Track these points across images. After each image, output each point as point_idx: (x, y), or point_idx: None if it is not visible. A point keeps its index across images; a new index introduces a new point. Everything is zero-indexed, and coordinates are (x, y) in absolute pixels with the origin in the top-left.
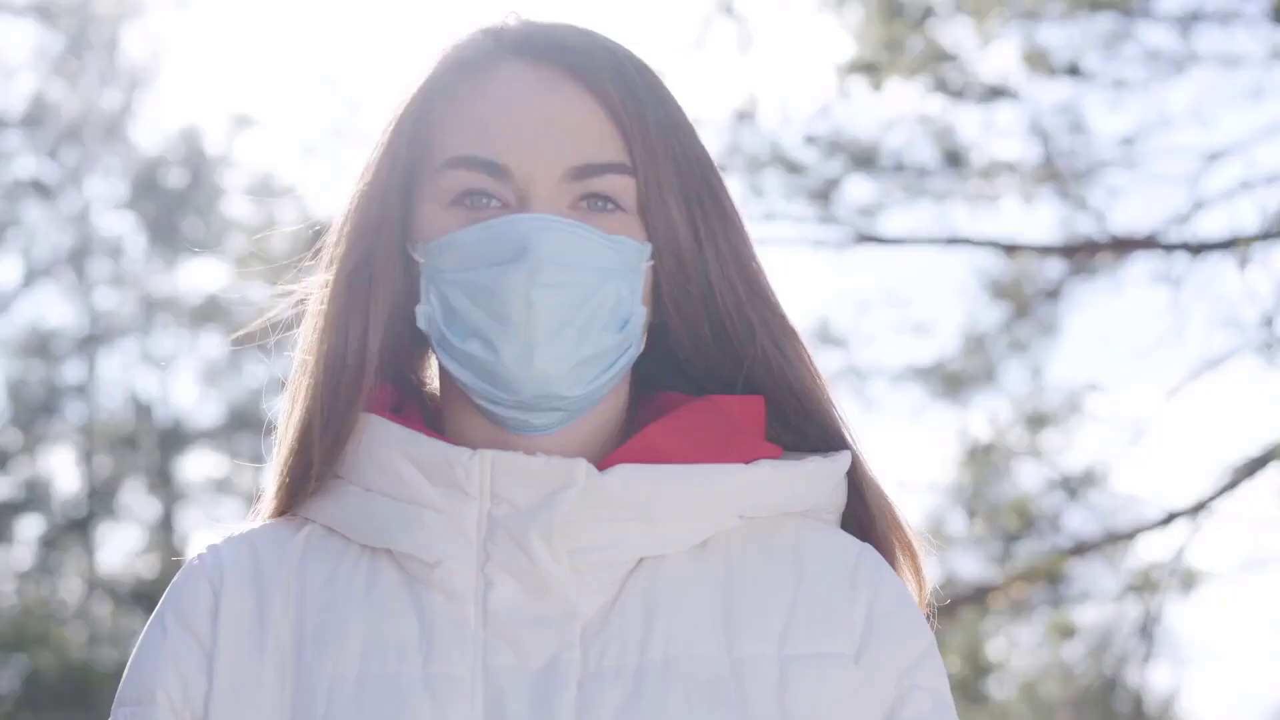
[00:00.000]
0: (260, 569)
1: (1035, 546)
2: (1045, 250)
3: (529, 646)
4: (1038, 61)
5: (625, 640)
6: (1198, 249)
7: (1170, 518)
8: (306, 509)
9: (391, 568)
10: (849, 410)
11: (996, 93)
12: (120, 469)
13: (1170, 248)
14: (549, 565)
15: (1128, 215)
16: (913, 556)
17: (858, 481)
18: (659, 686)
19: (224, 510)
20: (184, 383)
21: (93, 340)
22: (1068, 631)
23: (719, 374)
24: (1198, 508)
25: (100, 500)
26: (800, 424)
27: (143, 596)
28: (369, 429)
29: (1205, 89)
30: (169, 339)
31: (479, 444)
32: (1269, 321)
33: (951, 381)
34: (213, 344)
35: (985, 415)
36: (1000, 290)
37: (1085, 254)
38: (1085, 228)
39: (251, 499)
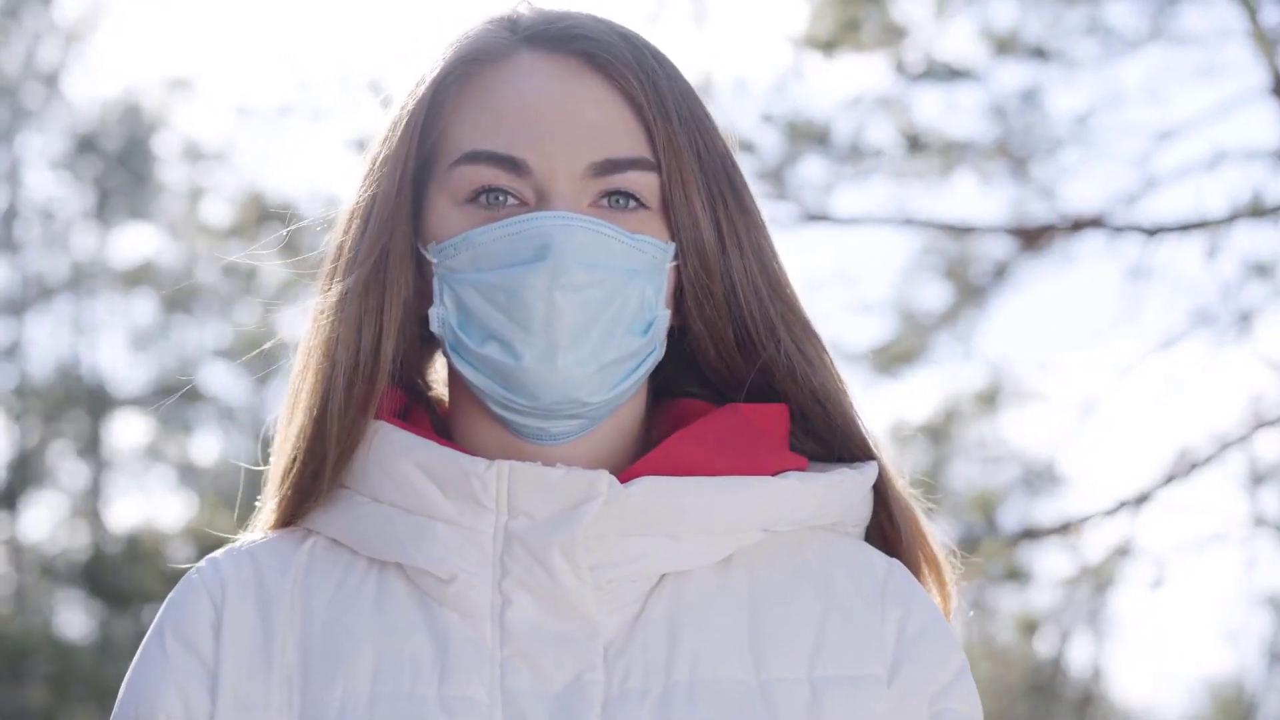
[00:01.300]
0: (263, 583)
1: (982, 531)
2: (996, 230)
3: (549, 667)
4: (994, 40)
5: (650, 661)
6: (1153, 231)
7: (1119, 506)
8: (310, 520)
9: (402, 582)
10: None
11: (951, 72)
12: (48, 434)
13: (1123, 229)
14: (570, 582)
15: (1080, 194)
16: (938, 570)
17: (883, 493)
18: (686, 709)
19: (152, 478)
20: (113, 348)
21: (22, 303)
22: (1030, 625)
23: (739, 379)
24: (1142, 497)
25: (27, 466)
26: (824, 432)
27: (68, 564)
28: (379, 437)
29: (1158, 67)
30: (100, 304)
31: (492, 453)
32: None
33: (895, 361)
34: (144, 309)
35: (930, 396)
36: (948, 270)
37: (1037, 235)
38: (1037, 207)
39: (180, 467)
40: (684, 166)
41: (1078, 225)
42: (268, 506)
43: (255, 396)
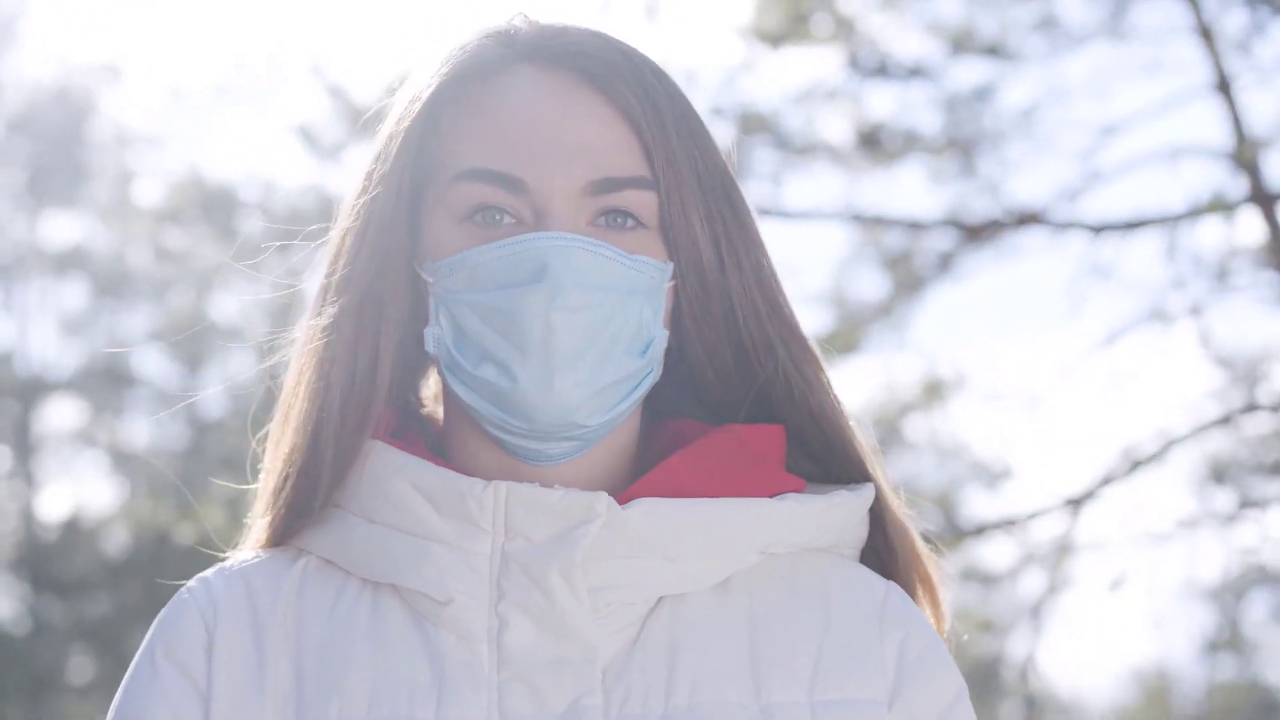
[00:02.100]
0: (256, 604)
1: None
2: (940, 225)
3: (547, 691)
4: (943, 35)
5: (649, 684)
6: (1099, 229)
7: (1064, 503)
8: (302, 539)
9: (396, 604)
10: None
11: (900, 66)
12: None
13: (1068, 225)
14: (569, 604)
15: (1026, 188)
16: (932, 590)
17: (880, 515)
18: None
19: (83, 463)
20: (44, 332)
21: None
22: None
23: (736, 399)
24: (1084, 496)
25: None
26: (821, 452)
27: None
28: (373, 457)
29: (1105, 63)
30: (31, 288)
31: (487, 473)
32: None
33: (832, 352)
34: (75, 293)
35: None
36: (887, 262)
37: (980, 230)
38: (982, 202)
39: (112, 453)
40: (683, 185)
41: (1022, 220)
42: (259, 525)
43: (188, 380)
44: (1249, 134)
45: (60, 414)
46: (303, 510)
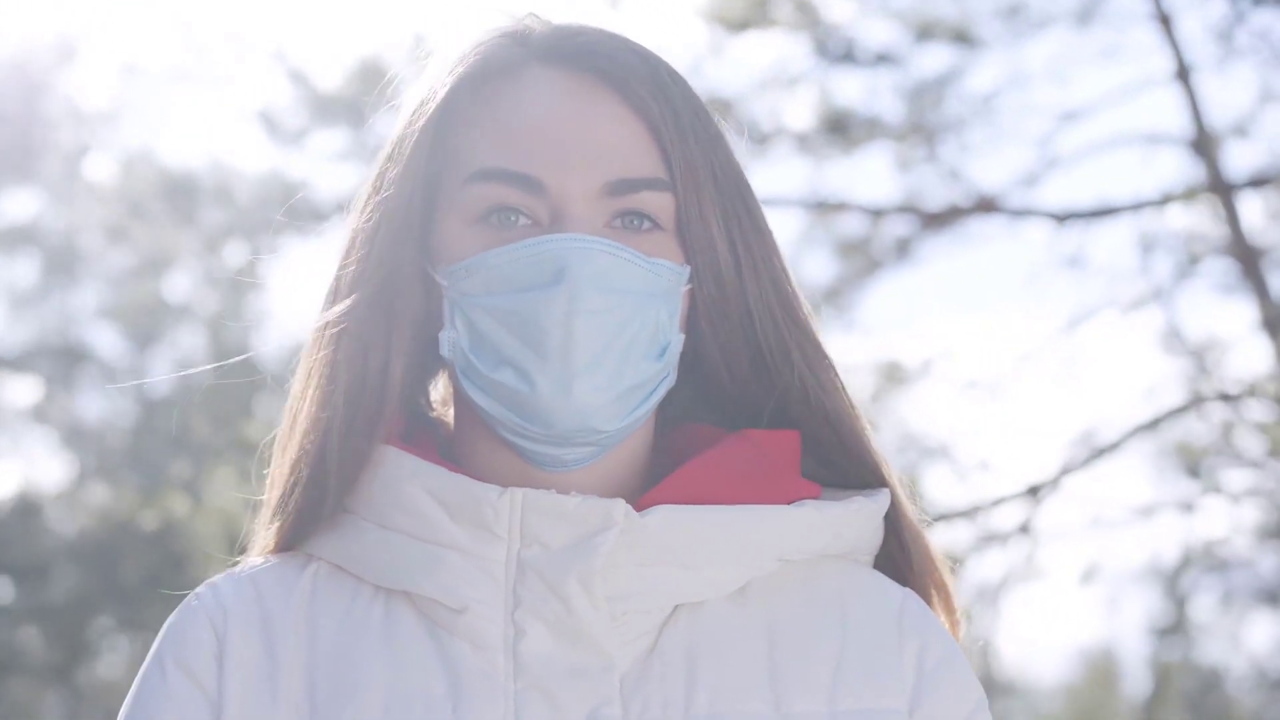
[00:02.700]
0: (267, 610)
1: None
2: (902, 210)
3: (565, 700)
4: (905, 22)
5: (668, 694)
6: (1064, 217)
7: (1025, 491)
8: (311, 545)
9: (410, 611)
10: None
11: (867, 52)
12: None
13: (1030, 213)
14: (587, 613)
15: (986, 174)
16: (946, 596)
17: (895, 520)
18: None
19: (35, 439)
20: None
21: None
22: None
23: (751, 402)
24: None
25: None
26: (836, 457)
27: None
28: (386, 462)
29: (1064, 48)
30: None
31: (501, 478)
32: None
33: None
34: (26, 270)
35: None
36: (846, 248)
37: (942, 217)
38: (943, 187)
39: (65, 429)
40: (700, 187)
41: (982, 207)
42: (268, 530)
43: (138, 358)
44: (1209, 124)
45: (9, 390)
46: (313, 515)
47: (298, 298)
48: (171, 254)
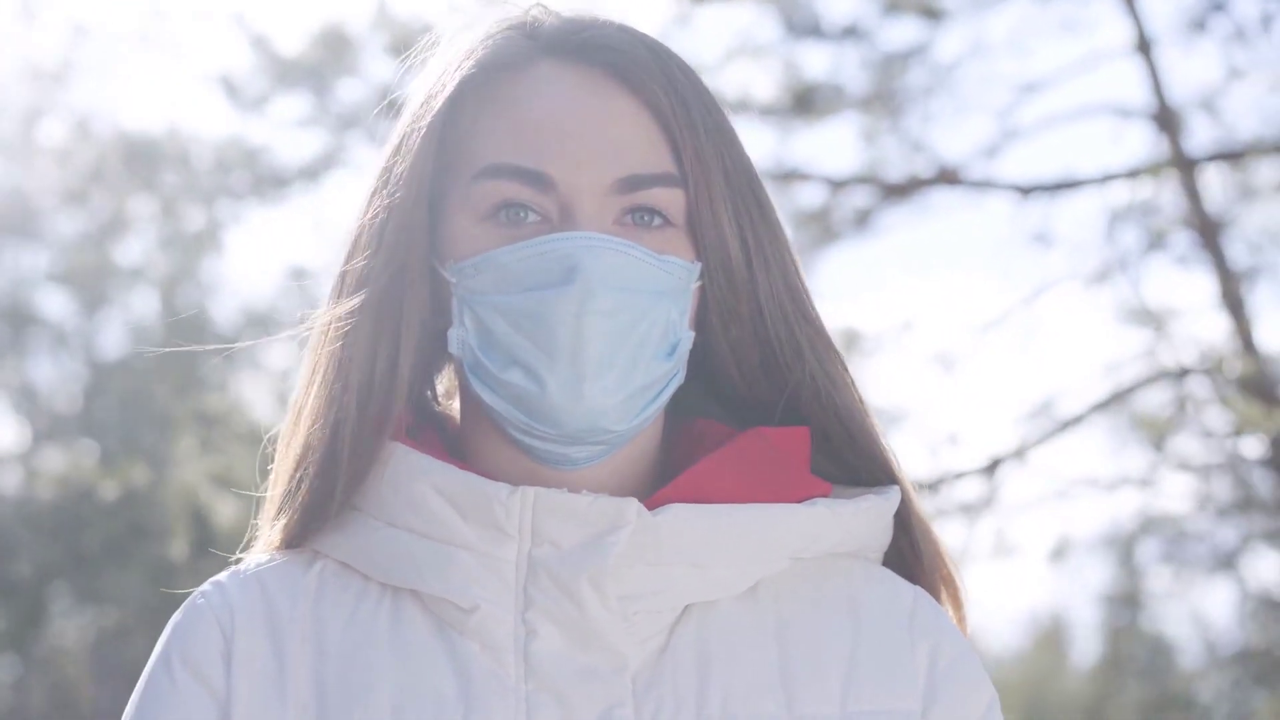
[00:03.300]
0: (274, 609)
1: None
2: (864, 181)
3: (576, 701)
4: None
5: (680, 695)
6: (1029, 190)
7: (985, 463)
8: (317, 541)
9: (418, 610)
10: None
11: (834, 25)
12: None
13: (993, 184)
14: (599, 613)
15: (948, 145)
16: (955, 592)
17: (904, 517)
18: None
19: None
20: None
21: None
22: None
23: (761, 399)
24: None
25: None
26: (846, 453)
27: None
28: (394, 459)
29: (1025, 19)
30: None
31: (508, 475)
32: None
33: None
34: None
35: None
36: (804, 218)
37: (904, 188)
38: (905, 158)
39: (14, 393)
40: (711, 182)
41: (944, 178)
42: (273, 527)
43: (87, 321)
44: (1170, 97)
45: None
46: (319, 512)
47: (255, 264)
48: (126, 218)
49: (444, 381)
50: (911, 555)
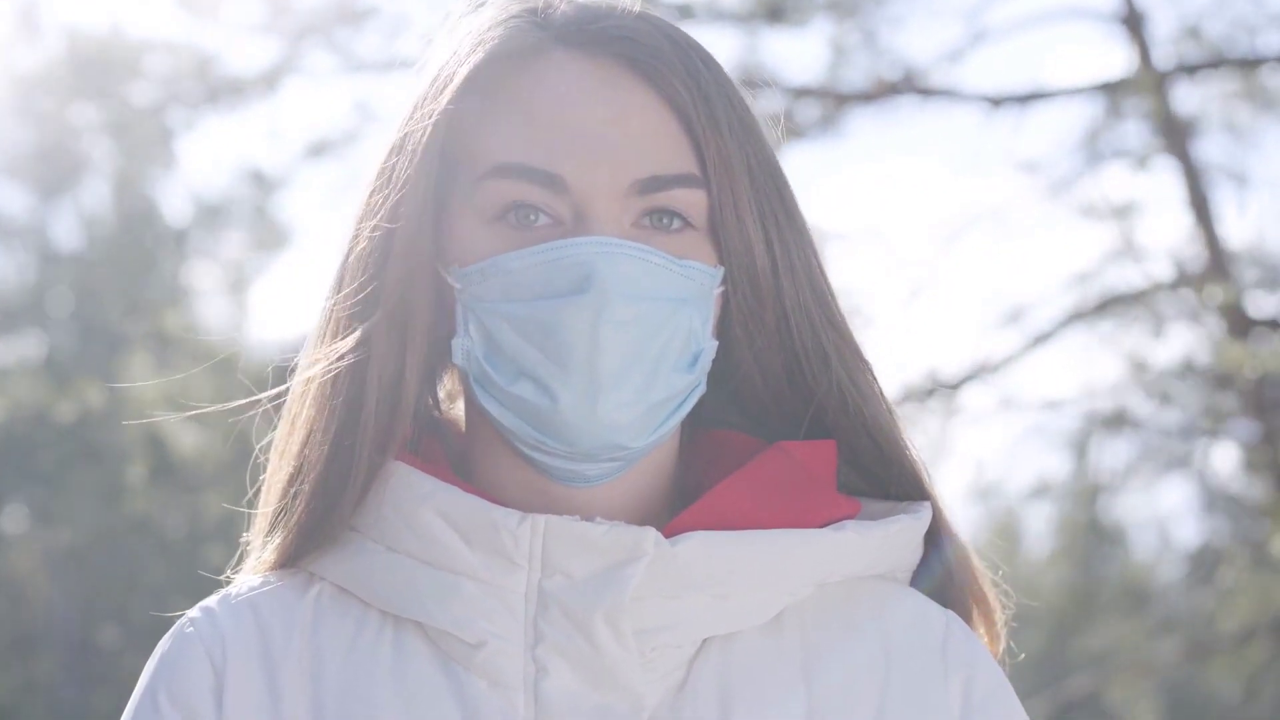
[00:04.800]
0: (267, 638)
1: None
2: (829, 90)
3: None
4: None
5: None
6: (999, 101)
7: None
8: (314, 563)
9: (421, 641)
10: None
11: None
12: None
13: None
14: (614, 652)
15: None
16: (987, 610)
17: (935, 533)
18: None
19: None
20: None
21: None
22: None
23: (785, 410)
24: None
25: None
26: (875, 466)
27: None
28: (395, 480)
29: None
30: None
31: (517, 492)
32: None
33: None
34: None
35: None
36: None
37: (873, 94)
38: (874, 64)
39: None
40: (735, 183)
41: (914, 87)
42: (266, 545)
43: (36, 215)
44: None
45: None
46: (315, 533)
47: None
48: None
49: (446, 384)
50: (943, 573)
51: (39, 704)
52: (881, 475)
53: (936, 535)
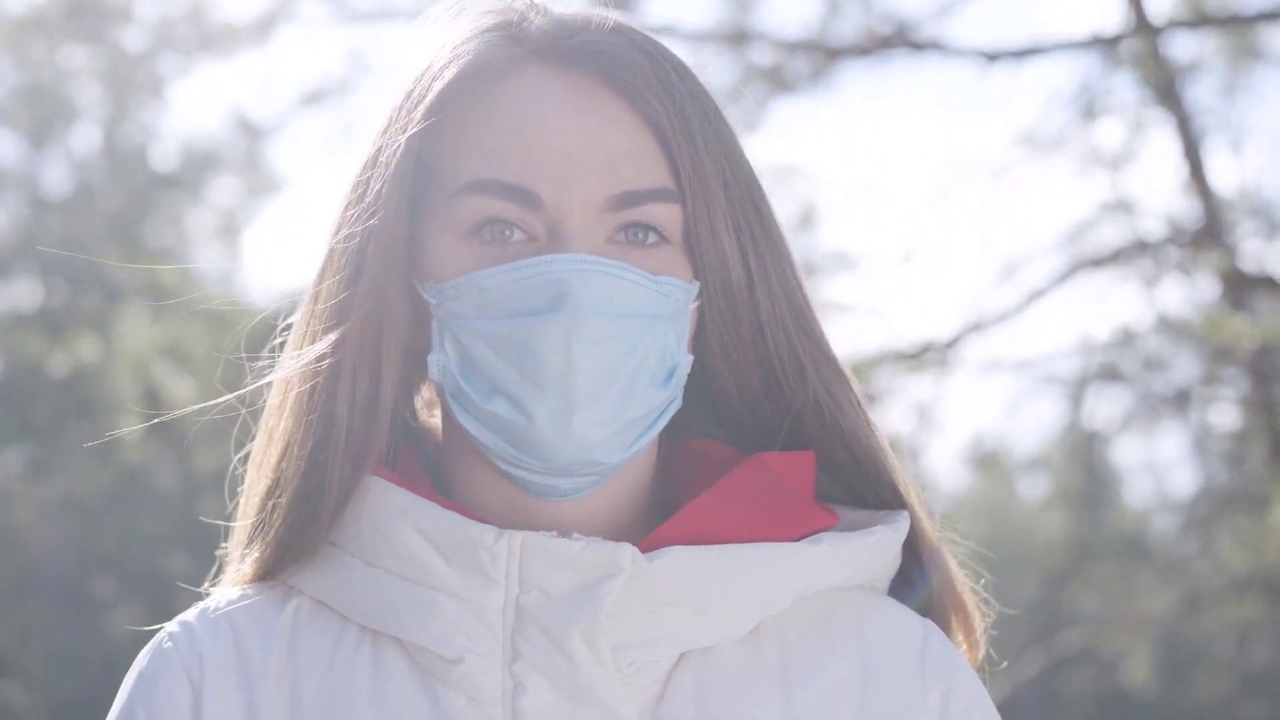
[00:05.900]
0: (245, 655)
1: None
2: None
3: None
4: None
5: None
6: (995, 56)
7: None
8: (292, 576)
9: (400, 657)
10: None
11: None
12: None
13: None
14: (592, 668)
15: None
16: (966, 618)
17: (914, 543)
18: None
19: None
20: None
21: None
22: None
23: (761, 422)
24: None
25: None
26: (852, 478)
27: None
28: (372, 495)
29: None
30: None
31: (494, 507)
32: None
33: None
34: None
35: None
36: (759, 74)
37: (865, 47)
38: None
39: None
40: (710, 197)
41: (909, 41)
42: (244, 558)
43: (28, 161)
44: None
45: None
46: (293, 547)
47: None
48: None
49: (424, 394)
50: (921, 581)
51: (36, 651)
52: (859, 486)
53: (915, 546)
